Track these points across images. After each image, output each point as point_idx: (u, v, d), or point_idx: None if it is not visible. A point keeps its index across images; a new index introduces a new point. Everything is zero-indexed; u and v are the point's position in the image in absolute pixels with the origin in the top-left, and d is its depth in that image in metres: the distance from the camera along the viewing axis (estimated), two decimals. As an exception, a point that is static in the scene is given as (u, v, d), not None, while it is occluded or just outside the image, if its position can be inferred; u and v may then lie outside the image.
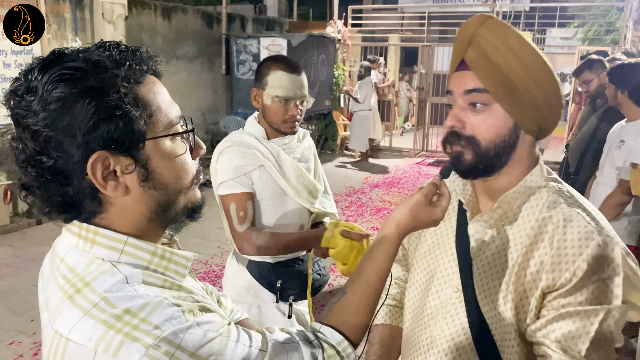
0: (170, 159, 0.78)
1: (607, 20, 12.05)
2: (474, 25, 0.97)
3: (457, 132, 0.99)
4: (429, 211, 0.96)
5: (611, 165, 2.85)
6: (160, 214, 0.79)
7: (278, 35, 8.39)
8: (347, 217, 5.89)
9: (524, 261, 0.98)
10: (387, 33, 12.85)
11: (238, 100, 8.50)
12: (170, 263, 0.79)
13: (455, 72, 1.01)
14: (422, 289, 1.15)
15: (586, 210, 0.98)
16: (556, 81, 0.97)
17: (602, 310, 0.90)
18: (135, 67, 0.75)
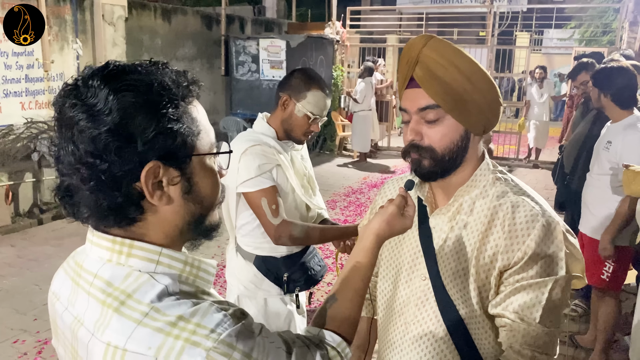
0: (208, 176, 0.84)
1: (604, 21, 12.12)
2: (418, 46, 1.08)
3: (416, 144, 1.11)
4: (401, 221, 1.09)
5: (599, 167, 2.90)
6: (192, 226, 0.84)
7: (277, 37, 8.43)
8: (346, 217, 5.94)
9: (481, 246, 1.11)
10: (385, 34, 12.89)
11: (237, 101, 8.55)
12: (200, 271, 0.83)
13: (406, 89, 1.12)
14: (392, 280, 1.27)
15: (530, 196, 1.12)
16: (495, 86, 1.11)
17: (550, 280, 1.06)
18: (189, 88, 0.81)
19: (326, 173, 8.28)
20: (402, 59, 1.12)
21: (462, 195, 1.16)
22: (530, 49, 11.18)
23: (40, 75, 5.64)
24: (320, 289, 4.13)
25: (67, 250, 2.80)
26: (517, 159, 9.24)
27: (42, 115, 5.57)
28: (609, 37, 11.59)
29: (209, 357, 0.70)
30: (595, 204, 2.92)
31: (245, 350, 0.73)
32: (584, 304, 3.71)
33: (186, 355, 0.70)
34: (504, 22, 12.05)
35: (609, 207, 2.83)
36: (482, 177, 1.16)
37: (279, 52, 8.07)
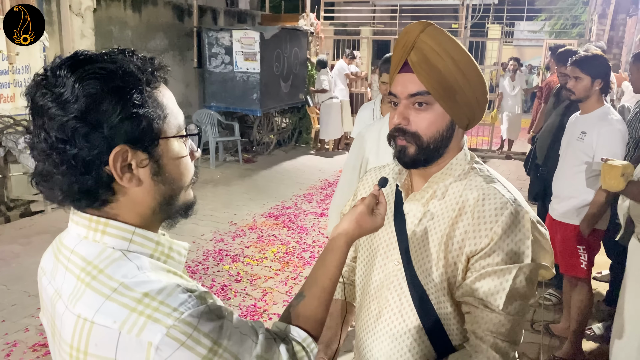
0: (177, 158, 0.87)
1: (573, 14, 12.33)
2: (416, 31, 1.09)
3: (403, 128, 1.12)
4: (371, 220, 1.10)
5: (573, 157, 2.91)
6: (164, 206, 0.88)
7: (250, 28, 8.32)
8: (322, 210, 5.92)
9: (450, 232, 1.12)
10: (358, 26, 12.87)
11: (210, 93, 8.43)
12: (172, 252, 0.88)
13: (398, 73, 1.13)
14: (367, 265, 1.30)
15: (502, 185, 1.15)
16: (484, 82, 1.13)
17: (515, 268, 1.06)
18: (154, 73, 0.84)
19: (302, 166, 8.24)
20: (398, 43, 1.13)
21: (437, 182, 1.17)
22: (502, 41, 11.30)
23: (5, 68, 5.45)
24: (298, 283, 4.11)
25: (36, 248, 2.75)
26: (490, 150, 9.37)
27: (7, 109, 5.38)
28: (578, 30, 11.79)
29: (169, 334, 0.74)
30: (569, 196, 2.95)
31: (206, 331, 0.76)
32: (558, 293, 3.77)
33: (147, 331, 0.74)
34: (476, 15, 12.14)
35: (579, 196, 2.86)
36: (457, 166, 1.18)
37: (253, 43, 7.98)
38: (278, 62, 8.53)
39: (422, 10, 13.52)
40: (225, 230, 5.19)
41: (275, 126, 9.24)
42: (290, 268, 4.37)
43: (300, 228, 5.33)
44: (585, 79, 2.81)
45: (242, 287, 3.99)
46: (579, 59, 2.87)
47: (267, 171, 7.81)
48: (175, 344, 0.74)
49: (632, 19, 7.07)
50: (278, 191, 6.68)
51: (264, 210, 5.86)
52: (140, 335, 0.74)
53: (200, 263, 4.40)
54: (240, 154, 8.18)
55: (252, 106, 8.22)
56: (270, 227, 5.33)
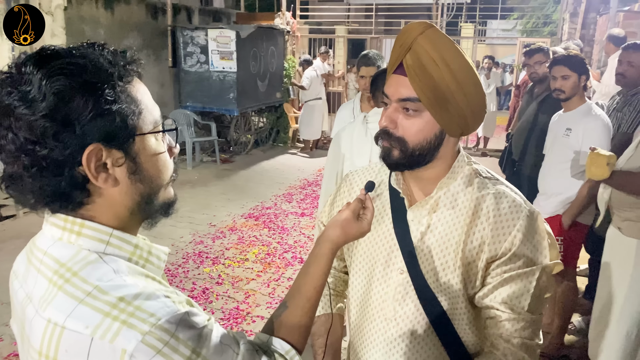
0: (154, 155, 0.83)
1: (545, 12, 12.54)
2: (415, 32, 1.04)
3: (389, 131, 1.09)
4: (357, 225, 1.06)
5: (559, 153, 2.95)
6: (143, 206, 0.84)
7: (226, 27, 8.23)
8: (302, 209, 5.89)
9: (466, 238, 1.10)
10: (333, 25, 12.87)
11: (186, 93, 8.31)
12: (151, 256, 0.84)
13: (393, 73, 1.09)
14: (366, 276, 1.23)
15: (508, 186, 1.14)
16: (482, 93, 1.08)
17: (538, 269, 1.07)
18: (127, 67, 0.80)
19: (281, 166, 8.19)
20: (397, 42, 1.08)
21: (442, 187, 1.14)
22: (476, 40, 11.42)
23: (-28, 68, 5.26)
24: (280, 284, 4.07)
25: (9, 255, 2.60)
26: (466, 147, 9.47)
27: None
28: (549, 28, 12.00)
29: (145, 341, 0.70)
30: (554, 190, 2.98)
31: (184, 338, 0.73)
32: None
33: (121, 337, 0.70)
34: (449, 13, 12.26)
35: (566, 192, 2.90)
36: (460, 169, 1.15)
37: (229, 42, 7.89)
38: (255, 61, 8.46)
39: (396, 9, 13.58)
40: (204, 232, 5.11)
41: (252, 126, 9.17)
42: (272, 269, 4.33)
43: (281, 228, 5.29)
44: (573, 77, 2.86)
45: (224, 290, 3.94)
46: (565, 58, 2.92)
47: (246, 171, 7.74)
48: (151, 352, 0.70)
49: (602, 17, 7.22)
50: (257, 191, 6.62)
51: (243, 211, 5.80)
52: (114, 341, 0.70)
53: (180, 266, 4.32)
54: (217, 154, 8.09)
55: (228, 106, 8.13)
56: (251, 228, 5.27)
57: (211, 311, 3.61)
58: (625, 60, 3.13)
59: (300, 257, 4.56)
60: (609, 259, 2.57)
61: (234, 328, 3.41)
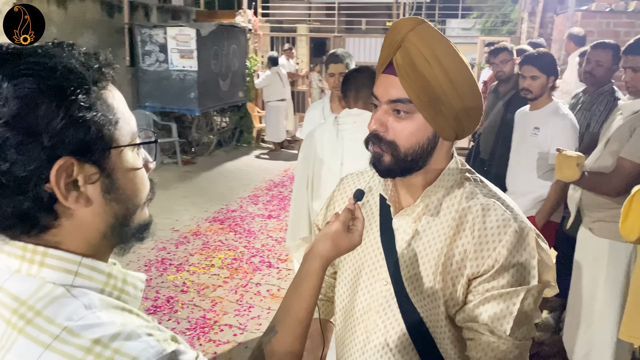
0: (131, 171, 0.74)
1: (503, 12, 12.78)
2: (405, 29, 0.97)
3: (380, 135, 1.02)
4: (348, 238, 1.00)
5: (527, 152, 2.95)
6: (118, 230, 0.74)
7: (186, 25, 8.01)
8: (269, 211, 5.77)
9: (448, 251, 1.03)
10: (295, 23, 12.77)
11: (145, 93, 8.05)
12: (126, 285, 0.73)
13: (382, 73, 1.03)
14: (351, 285, 1.18)
15: (500, 198, 1.05)
16: (478, 93, 1.01)
17: (522, 290, 0.98)
18: (102, 70, 0.71)
19: (245, 167, 8.03)
20: (386, 39, 1.01)
21: (429, 195, 1.07)
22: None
23: None
24: (248, 290, 3.95)
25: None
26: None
27: None
28: (508, 27, 12.23)
29: None
30: (522, 189, 2.98)
31: None
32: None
33: None
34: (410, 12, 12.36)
35: (537, 192, 2.89)
36: (450, 177, 1.08)
37: (189, 41, 7.68)
38: (216, 60, 8.27)
39: (357, 8, 13.59)
40: (167, 238, 4.93)
41: (214, 126, 8.98)
42: (240, 275, 4.20)
43: (248, 232, 5.16)
44: (542, 77, 2.85)
45: (190, 298, 3.79)
46: (535, 57, 2.91)
47: (209, 173, 7.55)
48: None
49: (559, 17, 7.38)
50: (221, 194, 6.45)
51: (207, 215, 5.63)
52: None
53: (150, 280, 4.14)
54: (178, 155, 7.87)
55: (189, 105, 7.92)
56: (216, 232, 5.12)
57: (176, 321, 3.46)
58: (594, 59, 3.15)
59: (268, 261, 4.45)
60: (581, 260, 2.57)
61: (201, 338, 3.28)
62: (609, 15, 5.40)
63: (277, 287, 3.99)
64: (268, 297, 3.84)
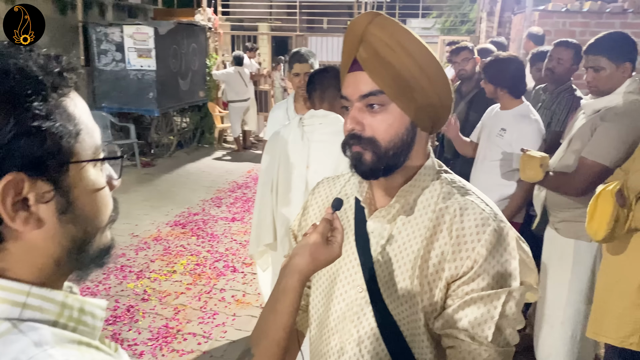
0: (92, 189, 0.66)
1: (462, 11, 12.98)
2: (363, 23, 0.95)
3: (357, 134, 0.98)
4: (327, 251, 0.96)
5: (492, 153, 2.96)
6: (74, 255, 0.65)
7: (143, 23, 7.79)
8: (233, 214, 5.66)
9: (425, 253, 0.99)
10: (256, 22, 12.63)
11: (101, 94, 7.78)
12: (84, 315, 0.65)
13: (348, 72, 0.99)
14: (326, 292, 1.13)
15: (479, 197, 1.02)
16: (445, 75, 0.99)
17: (504, 292, 0.94)
18: (63, 75, 0.63)
19: (207, 168, 7.87)
20: (346, 39, 0.99)
21: (404, 195, 1.03)
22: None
23: None
24: (212, 296, 3.83)
25: None
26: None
27: None
28: (467, 27, 12.43)
29: None
30: (487, 188, 2.98)
31: None
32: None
33: None
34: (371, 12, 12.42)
35: (500, 192, 2.90)
36: (426, 176, 1.04)
37: (147, 39, 7.46)
38: (175, 59, 8.07)
39: (318, 7, 13.56)
40: (126, 244, 4.75)
41: (175, 126, 8.78)
42: (203, 281, 4.08)
43: (211, 235, 5.03)
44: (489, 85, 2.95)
45: (151, 307, 3.65)
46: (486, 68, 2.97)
47: (169, 175, 7.36)
48: None
49: (517, 16, 7.51)
50: (183, 196, 6.29)
51: (168, 219, 5.47)
52: None
53: (100, 282, 3.98)
54: (137, 157, 7.64)
55: (148, 106, 7.71)
56: (177, 237, 4.97)
57: (137, 331, 3.33)
58: (556, 57, 3.20)
59: (232, 266, 4.34)
60: (547, 259, 2.58)
61: (164, 348, 3.16)
62: (565, 15, 5.51)
63: (243, 292, 3.89)
64: (233, 303, 3.74)
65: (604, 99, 2.35)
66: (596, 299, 2.12)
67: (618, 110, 2.27)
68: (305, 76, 2.94)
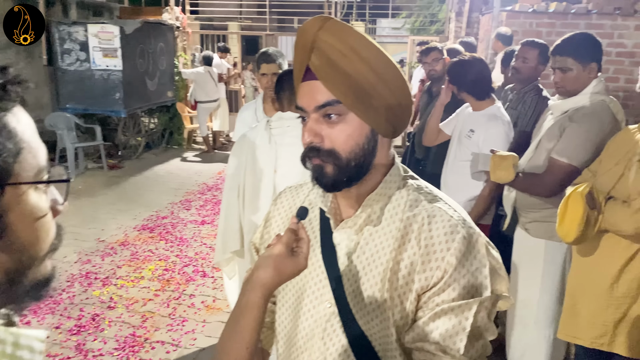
0: (32, 215, 0.61)
1: (431, 11, 13.09)
2: (313, 28, 0.90)
3: (316, 146, 0.94)
4: (292, 262, 0.91)
5: (461, 153, 2.96)
6: (5, 287, 0.60)
7: (109, 22, 7.59)
8: (203, 217, 5.55)
9: (394, 265, 0.95)
10: (226, 21, 12.49)
11: (65, 94, 7.56)
12: (19, 350, 0.58)
13: (302, 82, 0.95)
14: (293, 309, 1.07)
15: (447, 204, 0.99)
16: (404, 80, 0.95)
17: (475, 302, 0.90)
18: (7, 88, 0.59)
19: (176, 170, 7.72)
20: (296, 46, 0.93)
21: (371, 204, 0.99)
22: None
23: None
24: (181, 303, 3.74)
25: None
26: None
27: None
28: (436, 27, 12.53)
29: None
30: (456, 189, 2.98)
31: None
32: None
33: None
34: (341, 11, 12.42)
35: (469, 192, 2.90)
36: (392, 184, 1.00)
37: (112, 38, 7.28)
38: (142, 59, 7.90)
39: (289, 6, 13.50)
40: (92, 249, 4.61)
41: (142, 127, 8.59)
42: (172, 287, 3.98)
43: (180, 239, 4.92)
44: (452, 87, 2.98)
45: (118, 315, 3.53)
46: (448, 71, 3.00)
47: (137, 177, 7.19)
48: None
49: (485, 16, 7.60)
50: (151, 199, 6.15)
51: (136, 223, 5.33)
52: None
53: (64, 291, 3.83)
54: (104, 159, 7.45)
55: (114, 106, 7.52)
56: (145, 242, 4.84)
57: (103, 341, 3.21)
58: (522, 56, 3.21)
59: (202, 271, 4.25)
60: (518, 260, 2.59)
61: (131, 358, 3.05)
62: (532, 15, 5.57)
63: (213, 298, 3.81)
64: (203, 309, 3.65)
65: (572, 99, 2.36)
66: (567, 300, 2.13)
67: (586, 111, 2.28)
68: (273, 76, 2.89)
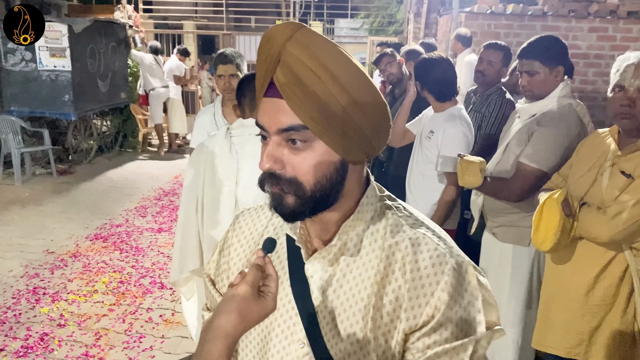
0: None
1: (389, 12, 13.14)
2: (281, 39, 0.78)
3: (276, 174, 0.83)
4: (259, 306, 0.81)
5: (422, 155, 2.92)
6: None
7: (56, 20, 7.21)
8: (160, 224, 5.32)
9: (377, 300, 0.86)
10: (181, 20, 12.18)
11: (10, 96, 7.14)
12: None
13: (264, 96, 0.82)
14: (259, 351, 0.95)
15: (430, 228, 0.90)
16: (382, 100, 0.84)
17: (470, 342, 0.82)
18: None
19: (131, 174, 7.42)
20: (260, 53, 0.81)
21: (347, 231, 0.88)
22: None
23: None
24: (138, 317, 3.54)
25: None
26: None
27: None
28: (394, 27, 12.58)
29: None
30: (420, 192, 2.94)
31: None
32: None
33: None
34: (298, 11, 12.32)
35: (433, 196, 2.85)
36: (369, 207, 0.89)
37: (60, 38, 6.92)
38: (93, 59, 7.55)
39: (246, 5, 13.30)
40: (40, 262, 4.33)
41: (94, 130, 8.23)
42: (128, 300, 3.77)
43: (136, 249, 4.69)
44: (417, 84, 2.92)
45: (68, 333, 3.31)
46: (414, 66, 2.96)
47: (89, 183, 6.87)
48: None
49: (443, 17, 7.64)
50: (104, 207, 5.86)
51: (88, 232, 5.06)
52: None
53: (9, 309, 3.57)
54: (53, 165, 7.08)
55: (64, 109, 7.15)
56: (98, 252, 4.59)
57: (52, 362, 2.99)
58: (486, 59, 3.20)
59: (160, 282, 4.05)
60: (486, 265, 2.55)
61: (83, 381, 2.85)
62: (490, 17, 5.62)
63: (172, 311, 3.62)
64: (161, 323, 3.47)
65: (539, 103, 2.33)
66: (541, 309, 2.09)
67: (553, 114, 2.26)
68: (231, 78, 2.77)
